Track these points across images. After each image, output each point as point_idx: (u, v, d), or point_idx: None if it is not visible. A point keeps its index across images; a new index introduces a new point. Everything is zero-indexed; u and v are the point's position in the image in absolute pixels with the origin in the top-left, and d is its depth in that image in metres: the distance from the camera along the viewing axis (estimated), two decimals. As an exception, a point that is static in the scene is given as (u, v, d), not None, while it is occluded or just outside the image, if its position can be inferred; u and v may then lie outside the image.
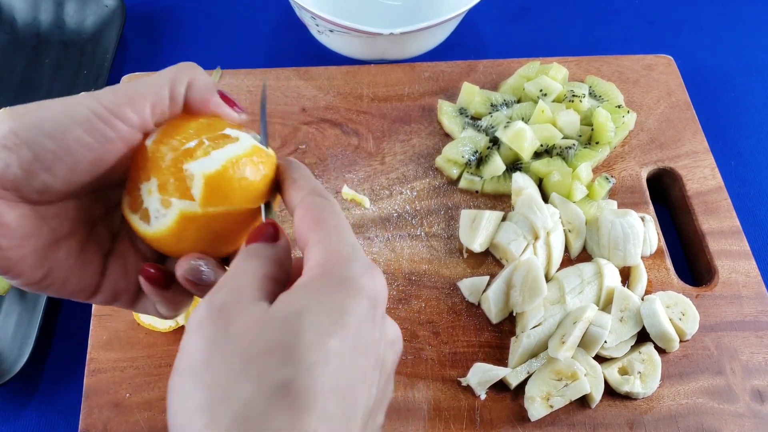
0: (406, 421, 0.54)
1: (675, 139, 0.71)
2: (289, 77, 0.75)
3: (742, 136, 0.78)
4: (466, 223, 0.63)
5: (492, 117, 0.70)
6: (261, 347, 0.26)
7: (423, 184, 0.68)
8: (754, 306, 0.60)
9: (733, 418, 0.55)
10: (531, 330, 0.56)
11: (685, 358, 0.58)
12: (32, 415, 0.59)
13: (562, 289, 0.58)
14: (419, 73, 0.76)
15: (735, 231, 0.65)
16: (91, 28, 0.83)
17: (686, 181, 0.68)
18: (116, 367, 0.56)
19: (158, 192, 0.33)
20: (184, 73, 0.35)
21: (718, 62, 0.86)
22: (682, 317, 0.58)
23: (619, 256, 0.60)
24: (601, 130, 0.67)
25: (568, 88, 0.70)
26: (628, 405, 0.55)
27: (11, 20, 0.83)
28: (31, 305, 0.61)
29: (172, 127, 0.34)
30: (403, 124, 0.72)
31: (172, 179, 0.32)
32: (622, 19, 0.90)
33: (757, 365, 0.57)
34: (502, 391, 0.56)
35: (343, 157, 0.69)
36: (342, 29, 0.72)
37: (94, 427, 0.53)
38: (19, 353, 0.57)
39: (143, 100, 0.33)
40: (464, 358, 0.57)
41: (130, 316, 0.58)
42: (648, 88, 0.75)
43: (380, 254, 0.63)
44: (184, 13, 0.89)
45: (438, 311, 0.60)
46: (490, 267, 0.63)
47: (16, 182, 0.31)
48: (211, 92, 0.35)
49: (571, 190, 0.64)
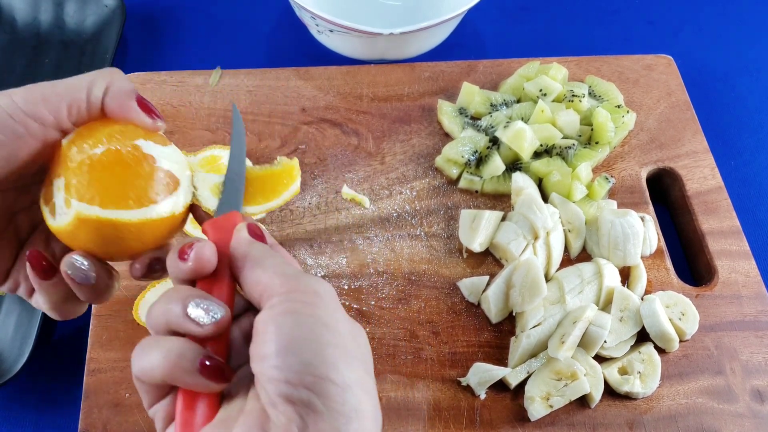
0: (405, 421, 0.54)
1: (675, 139, 0.71)
2: (289, 77, 0.75)
3: (742, 136, 0.78)
4: (465, 223, 0.63)
5: (492, 117, 0.70)
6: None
7: (423, 184, 0.68)
8: (754, 306, 0.60)
9: (733, 418, 0.55)
10: (531, 330, 0.56)
11: (684, 358, 0.58)
12: (32, 415, 0.59)
13: (561, 289, 0.58)
14: (419, 73, 0.76)
15: (735, 231, 0.65)
16: (91, 28, 0.83)
17: (686, 181, 0.68)
18: (116, 367, 0.56)
19: (64, 190, 0.34)
20: (102, 77, 0.36)
21: (718, 62, 0.86)
22: (682, 317, 0.58)
23: (618, 256, 0.60)
24: (600, 130, 0.67)
25: (567, 88, 0.70)
26: (627, 405, 0.55)
27: (11, 20, 0.83)
28: (31, 305, 0.61)
29: (87, 129, 0.35)
30: (403, 124, 0.72)
31: (75, 180, 0.34)
32: (622, 19, 0.90)
33: (757, 365, 0.57)
34: (502, 391, 0.56)
35: (342, 157, 0.69)
36: (342, 29, 0.72)
37: (94, 427, 0.53)
38: (19, 353, 0.57)
39: (60, 100, 0.34)
40: (464, 358, 0.57)
41: (130, 316, 0.58)
42: (648, 88, 0.75)
43: (380, 254, 0.63)
44: (184, 13, 0.89)
45: (438, 311, 0.60)
46: (490, 267, 0.63)
47: None
48: (129, 97, 0.36)
49: (571, 190, 0.64)
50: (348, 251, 0.63)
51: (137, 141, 0.35)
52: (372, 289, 0.61)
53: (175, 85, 0.74)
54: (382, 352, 0.58)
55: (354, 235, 0.64)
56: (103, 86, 0.35)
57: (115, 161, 0.34)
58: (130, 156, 0.34)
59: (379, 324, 0.59)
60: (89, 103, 0.35)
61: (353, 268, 0.62)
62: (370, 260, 0.63)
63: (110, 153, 0.34)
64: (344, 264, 0.62)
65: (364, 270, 0.62)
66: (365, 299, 0.60)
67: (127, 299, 0.59)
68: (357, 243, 0.64)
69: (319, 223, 0.65)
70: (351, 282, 0.61)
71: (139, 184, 0.34)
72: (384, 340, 0.58)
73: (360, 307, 0.60)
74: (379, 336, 0.58)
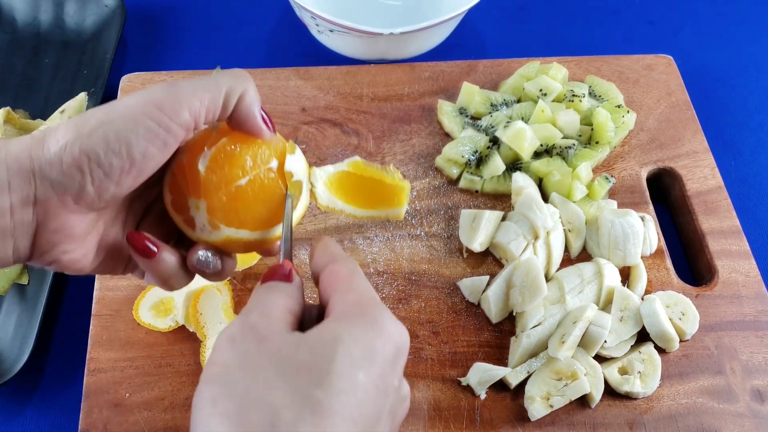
0: (406, 420, 0.54)
1: (675, 139, 0.71)
2: (289, 77, 0.75)
3: (742, 136, 0.78)
4: (466, 222, 0.63)
5: (492, 117, 0.70)
6: (295, 365, 0.28)
7: (423, 184, 0.68)
8: (754, 306, 0.60)
9: (733, 417, 0.55)
10: (531, 330, 0.56)
11: (685, 357, 0.58)
12: (32, 415, 0.59)
13: (562, 288, 0.58)
14: (419, 73, 0.76)
15: (735, 231, 0.65)
16: (91, 28, 0.83)
17: (686, 181, 0.68)
18: (116, 367, 0.56)
19: (206, 213, 0.36)
20: (239, 84, 0.36)
21: (718, 62, 0.86)
22: (682, 317, 0.58)
23: (619, 256, 0.60)
24: (601, 130, 0.67)
25: (568, 88, 0.70)
26: (628, 405, 0.55)
27: (11, 20, 0.83)
28: (31, 305, 0.61)
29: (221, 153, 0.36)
30: (403, 124, 0.72)
31: (221, 207, 0.36)
32: (622, 19, 0.90)
33: (757, 365, 0.57)
34: (502, 391, 0.56)
35: (343, 157, 0.69)
36: (342, 29, 0.72)
37: (94, 427, 0.53)
38: (19, 353, 0.57)
39: (200, 103, 0.34)
40: (464, 358, 0.57)
41: (130, 316, 0.58)
42: (648, 88, 0.75)
43: (380, 254, 0.63)
44: (184, 13, 0.89)
45: (438, 311, 0.60)
46: (490, 267, 0.63)
47: (89, 199, 0.33)
48: (257, 108, 0.37)
49: (571, 190, 0.64)
50: (348, 251, 0.63)
51: (272, 163, 0.37)
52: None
53: (175, 85, 0.73)
54: (382, 352, 0.58)
55: (354, 235, 0.64)
56: (240, 93, 0.36)
57: (259, 189, 0.36)
58: (271, 182, 0.37)
59: (379, 324, 0.59)
60: (224, 109, 0.35)
61: (353, 268, 0.62)
62: (371, 260, 0.63)
63: (254, 183, 0.36)
64: (344, 264, 0.62)
65: (365, 270, 0.62)
66: (365, 299, 0.60)
67: (127, 299, 0.59)
68: (357, 243, 0.64)
69: (319, 223, 0.65)
70: (351, 282, 0.61)
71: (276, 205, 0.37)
72: (384, 340, 0.58)
73: (360, 307, 0.60)
74: (379, 336, 0.58)
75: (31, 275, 0.63)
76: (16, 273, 0.62)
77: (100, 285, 0.60)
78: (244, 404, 0.27)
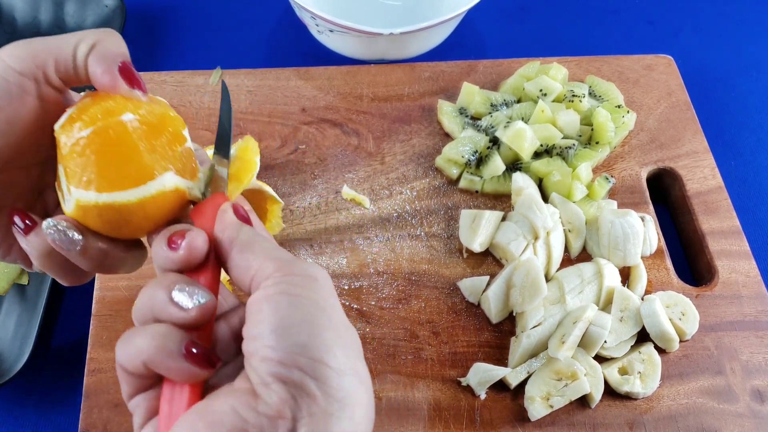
0: (406, 421, 0.54)
1: (675, 139, 0.71)
2: (289, 77, 0.75)
3: (742, 136, 0.78)
4: (466, 223, 0.63)
5: (492, 117, 0.70)
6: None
7: (423, 184, 0.68)
8: (754, 306, 0.60)
9: (733, 418, 0.55)
10: (531, 330, 0.56)
11: (685, 358, 0.58)
12: (32, 415, 0.59)
13: (562, 289, 0.58)
14: (419, 73, 0.76)
15: (735, 231, 0.65)
16: (91, 28, 0.82)
17: (686, 181, 0.68)
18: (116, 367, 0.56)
19: (65, 178, 0.33)
20: (94, 35, 0.33)
21: (718, 62, 0.86)
22: (682, 317, 0.58)
23: (619, 256, 0.60)
24: (601, 130, 0.67)
25: (568, 88, 0.70)
26: (628, 405, 0.55)
27: (11, 20, 0.83)
28: (31, 305, 0.61)
29: (77, 111, 0.33)
30: (403, 124, 0.72)
31: (69, 166, 0.32)
32: (622, 19, 0.90)
33: (757, 365, 0.57)
34: (502, 391, 0.56)
35: (343, 157, 0.69)
36: (342, 29, 0.72)
37: (94, 427, 0.53)
38: (19, 353, 0.57)
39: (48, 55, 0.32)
40: (464, 358, 0.57)
41: (130, 316, 0.58)
42: (648, 88, 0.75)
43: (380, 254, 0.63)
44: (184, 13, 0.89)
45: (438, 311, 0.60)
46: (490, 267, 0.63)
47: None
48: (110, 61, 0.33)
49: (571, 190, 0.64)
50: (348, 251, 0.63)
51: (123, 116, 0.32)
52: (372, 290, 0.61)
53: (175, 85, 0.74)
54: (383, 352, 0.58)
55: (354, 235, 0.64)
56: (90, 44, 0.33)
57: (103, 142, 0.32)
58: (118, 134, 0.32)
59: (380, 324, 0.59)
60: (75, 61, 0.33)
61: (353, 269, 0.62)
62: (370, 260, 0.63)
63: (97, 134, 0.32)
64: (344, 264, 0.62)
65: (365, 270, 0.62)
66: (365, 299, 0.60)
67: (127, 299, 0.59)
68: (357, 243, 0.64)
69: (319, 223, 0.65)
70: (351, 282, 0.61)
71: (131, 162, 0.32)
72: (384, 340, 0.58)
73: (360, 308, 0.60)
74: (379, 336, 0.58)
75: (31, 275, 0.63)
76: (16, 273, 0.62)
77: (100, 285, 0.60)
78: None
